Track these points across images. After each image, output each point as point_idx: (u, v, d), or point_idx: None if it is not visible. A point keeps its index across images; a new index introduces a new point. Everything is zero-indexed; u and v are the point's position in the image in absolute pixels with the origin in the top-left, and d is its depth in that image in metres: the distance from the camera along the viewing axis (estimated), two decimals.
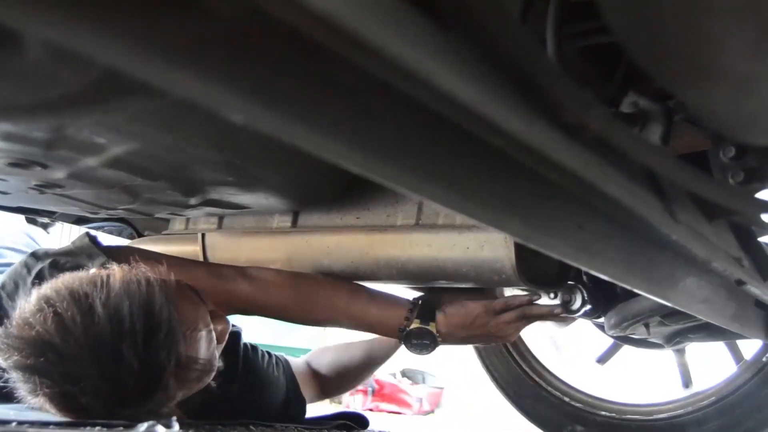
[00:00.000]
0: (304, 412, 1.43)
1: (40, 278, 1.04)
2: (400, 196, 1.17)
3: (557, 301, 1.30)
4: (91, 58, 0.25)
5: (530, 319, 1.28)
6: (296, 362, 1.53)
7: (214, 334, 1.03)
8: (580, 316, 1.36)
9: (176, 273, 1.00)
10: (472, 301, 1.27)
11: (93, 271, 0.97)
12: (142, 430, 0.80)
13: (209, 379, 1.02)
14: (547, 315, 1.28)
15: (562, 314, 1.28)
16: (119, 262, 1.00)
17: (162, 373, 0.89)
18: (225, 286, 1.21)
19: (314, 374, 1.56)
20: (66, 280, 0.92)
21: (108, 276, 0.91)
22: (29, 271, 1.08)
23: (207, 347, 1.00)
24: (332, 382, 1.58)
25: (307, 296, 1.25)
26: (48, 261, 1.09)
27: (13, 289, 1.07)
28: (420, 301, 1.28)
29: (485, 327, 1.25)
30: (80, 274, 0.94)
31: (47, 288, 0.91)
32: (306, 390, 1.47)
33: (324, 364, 1.59)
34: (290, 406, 1.39)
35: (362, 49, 0.28)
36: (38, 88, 0.39)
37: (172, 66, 0.26)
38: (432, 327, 1.25)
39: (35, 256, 1.11)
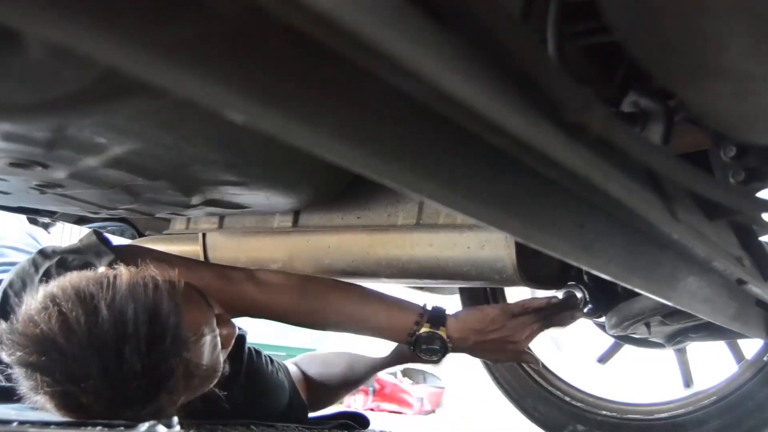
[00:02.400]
0: (306, 416, 1.43)
1: (47, 277, 1.04)
2: (400, 195, 1.17)
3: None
4: (90, 57, 0.25)
5: (547, 322, 1.25)
6: (289, 365, 1.52)
7: (219, 339, 1.03)
8: (581, 316, 1.35)
9: (183, 274, 0.99)
10: (488, 305, 1.26)
11: (101, 270, 0.97)
12: (143, 430, 0.80)
13: (212, 384, 1.02)
14: (566, 317, 1.27)
15: (577, 314, 1.27)
16: (127, 261, 1.00)
17: (165, 377, 0.88)
18: (232, 290, 1.20)
19: (305, 379, 1.55)
20: (73, 279, 0.91)
21: (115, 277, 0.91)
22: (37, 270, 1.08)
23: (211, 352, 1.00)
24: (315, 393, 1.55)
25: (316, 300, 1.23)
26: (56, 259, 1.09)
27: (21, 287, 1.06)
28: (431, 306, 1.27)
29: (500, 330, 1.22)
30: (87, 274, 0.93)
31: (54, 286, 0.91)
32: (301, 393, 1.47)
33: (310, 372, 1.57)
34: (293, 410, 1.38)
35: (363, 49, 0.28)
36: (38, 88, 0.39)
37: (172, 65, 0.26)
38: (442, 332, 1.22)
39: (43, 253, 1.11)
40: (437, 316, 1.24)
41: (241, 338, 1.29)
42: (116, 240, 1.59)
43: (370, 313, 1.24)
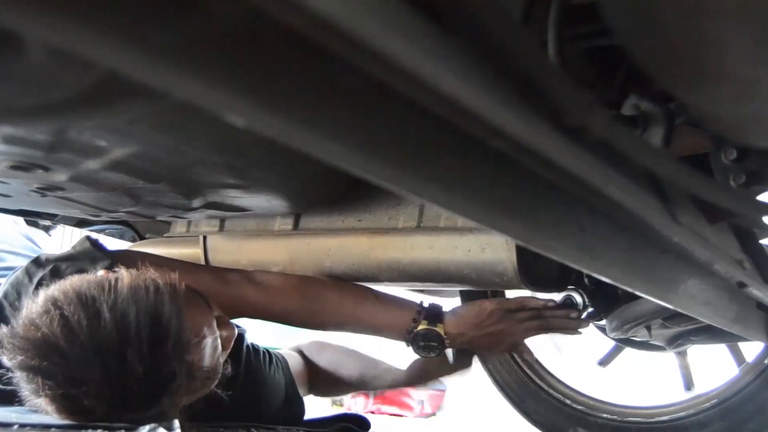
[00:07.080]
0: (303, 411, 1.43)
1: (41, 286, 1.04)
2: (401, 198, 1.17)
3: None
4: (90, 60, 0.25)
5: (545, 323, 1.27)
6: (290, 354, 1.53)
7: (219, 341, 1.03)
8: (585, 325, 1.35)
9: (182, 277, 0.99)
10: (485, 300, 1.27)
11: (101, 274, 0.97)
12: None
13: (213, 385, 1.02)
14: (567, 324, 1.28)
15: (578, 323, 1.28)
16: (124, 265, 1.00)
17: (167, 380, 0.88)
18: (231, 292, 1.21)
19: (307, 366, 1.55)
20: (74, 282, 0.91)
21: (116, 280, 0.91)
22: (31, 279, 1.08)
23: (212, 354, 1.00)
24: (322, 382, 1.57)
25: (314, 301, 1.25)
26: (49, 268, 1.08)
27: (15, 297, 1.06)
28: (428, 304, 1.28)
29: (497, 325, 1.24)
30: (88, 277, 0.93)
31: (55, 290, 0.90)
32: (299, 386, 1.47)
33: (321, 360, 1.58)
34: (290, 406, 1.39)
35: (363, 51, 0.27)
36: (39, 91, 0.39)
37: (171, 68, 0.26)
38: (440, 329, 1.25)
39: (37, 263, 1.11)
40: (434, 313, 1.26)
41: (240, 337, 1.29)
42: (113, 244, 1.59)
43: (368, 312, 1.25)
